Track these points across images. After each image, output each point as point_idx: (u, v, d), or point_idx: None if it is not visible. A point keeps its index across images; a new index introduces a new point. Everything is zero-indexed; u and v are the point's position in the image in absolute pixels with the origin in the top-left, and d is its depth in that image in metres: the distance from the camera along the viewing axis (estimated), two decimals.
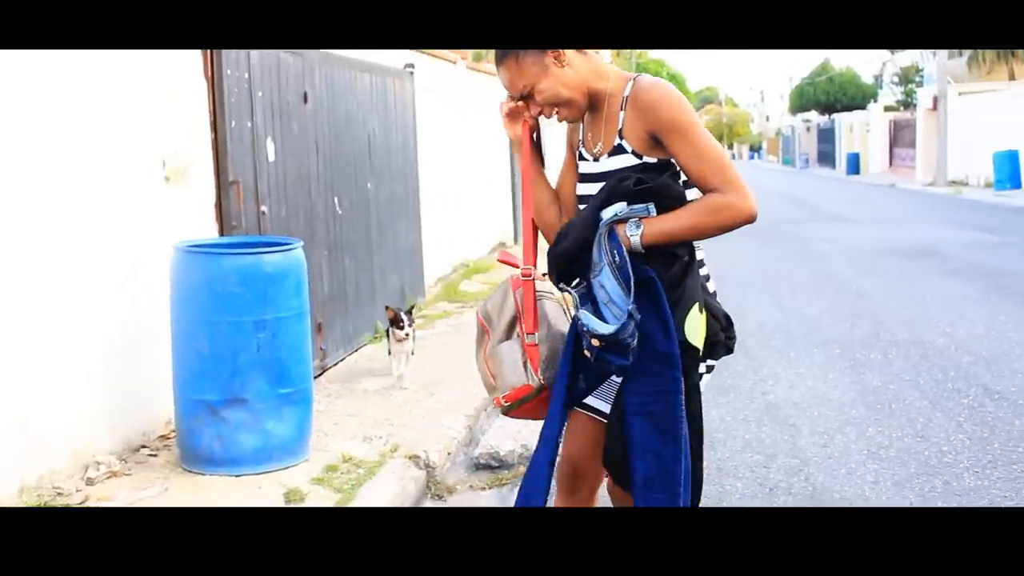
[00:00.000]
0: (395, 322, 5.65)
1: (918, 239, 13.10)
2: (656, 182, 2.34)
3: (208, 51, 5.11)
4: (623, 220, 2.32)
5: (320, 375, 6.27)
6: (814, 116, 55.44)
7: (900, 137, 37.10)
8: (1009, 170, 22.24)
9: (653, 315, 2.28)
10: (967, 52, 35.83)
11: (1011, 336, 6.74)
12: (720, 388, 5.51)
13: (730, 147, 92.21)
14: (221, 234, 5.22)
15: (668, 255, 2.34)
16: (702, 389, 2.44)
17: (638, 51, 46.48)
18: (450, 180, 10.55)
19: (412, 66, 8.61)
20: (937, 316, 7.55)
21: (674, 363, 2.28)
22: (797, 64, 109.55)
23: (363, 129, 7.34)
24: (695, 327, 2.32)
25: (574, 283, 2.40)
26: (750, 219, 2.29)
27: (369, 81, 7.51)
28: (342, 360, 6.69)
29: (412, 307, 6.24)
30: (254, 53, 5.51)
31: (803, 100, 56.96)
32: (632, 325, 2.23)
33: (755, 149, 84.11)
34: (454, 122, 10.84)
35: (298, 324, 4.33)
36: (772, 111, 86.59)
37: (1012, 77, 33.35)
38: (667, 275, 2.32)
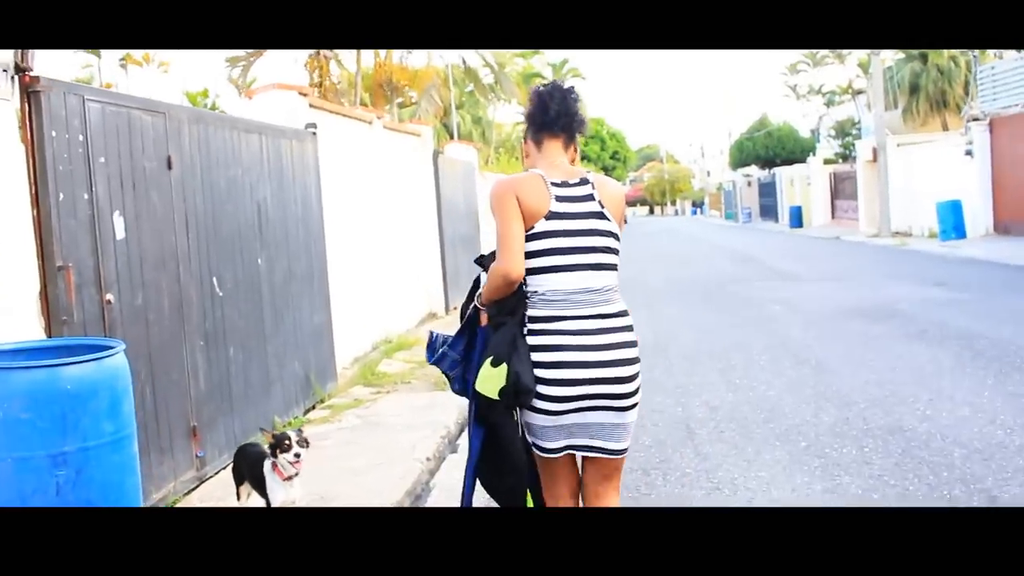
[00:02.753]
0: (281, 446, 4.16)
1: (874, 297, 12.30)
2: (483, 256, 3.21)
3: (27, 111, 4.16)
4: None
5: (195, 489, 5.31)
6: (754, 171, 55.65)
7: (841, 189, 37.04)
8: (953, 220, 21.96)
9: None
10: (901, 104, 36.03)
11: (1003, 419, 5.73)
12: (669, 499, 4.54)
13: (673, 203, 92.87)
14: (49, 332, 4.23)
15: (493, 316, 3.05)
16: (542, 423, 2.95)
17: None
18: (368, 249, 9.59)
19: (314, 126, 7.68)
20: (912, 394, 6.57)
21: (470, 397, 3.09)
22: (735, 120, 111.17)
23: (251, 198, 6.37)
24: (482, 377, 2.92)
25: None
26: (503, 277, 2.90)
27: (259, 143, 6.56)
28: (225, 467, 5.69)
29: (300, 430, 4.54)
30: (94, 112, 4.55)
31: (743, 155, 57.21)
32: (446, 360, 3.15)
33: (697, 204, 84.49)
34: (371, 186, 9.91)
35: (116, 454, 3.35)
36: (713, 166, 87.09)
37: (945, 128, 33.50)
38: (488, 331, 3.05)
